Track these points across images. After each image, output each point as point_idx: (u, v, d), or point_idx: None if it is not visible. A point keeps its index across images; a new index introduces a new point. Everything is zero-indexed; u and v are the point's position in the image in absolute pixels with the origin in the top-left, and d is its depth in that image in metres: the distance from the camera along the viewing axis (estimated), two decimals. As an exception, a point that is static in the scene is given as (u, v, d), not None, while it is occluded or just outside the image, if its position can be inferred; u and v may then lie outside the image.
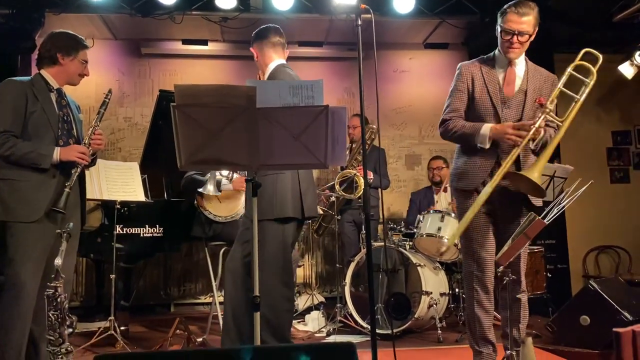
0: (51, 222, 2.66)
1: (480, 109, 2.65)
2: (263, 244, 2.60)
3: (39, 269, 2.63)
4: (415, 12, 5.21)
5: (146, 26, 5.51)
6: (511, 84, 2.65)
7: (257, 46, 3.07)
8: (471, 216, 2.46)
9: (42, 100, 2.72)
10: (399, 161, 6.35)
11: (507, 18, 2.61)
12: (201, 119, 1.78)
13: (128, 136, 6.01)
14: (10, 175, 2.65)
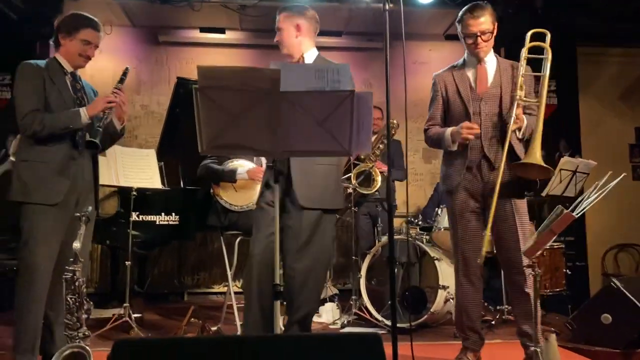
0: (67, 205, 2.65)
1: (454, 110, 2.79)
2: (318, 234, 2.59)
3: (54, 253, 2.62)
4: (437, 3, 5.12)
5: (164, 13, 5.49)
6: (483, 80, 2.76)
7: (299, 22, 2.72)
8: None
9: (58, 83, 2.71)
10: (416, 154, 6.28)
11: (465, 24, 2.75)
12: (223, 102, 1.73)
13: (144, 124, 6.00)
14: (31, 157, 2.64)
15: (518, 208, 2.73)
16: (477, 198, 2.76)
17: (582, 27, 5.82)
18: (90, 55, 2.82)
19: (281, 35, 2.73)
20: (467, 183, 2.75)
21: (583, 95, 6.02)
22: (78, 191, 2.70)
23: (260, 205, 2.70)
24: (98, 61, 5.93)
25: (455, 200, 2.79)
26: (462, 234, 2.78)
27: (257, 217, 2.71)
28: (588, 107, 6.06)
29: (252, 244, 2.65)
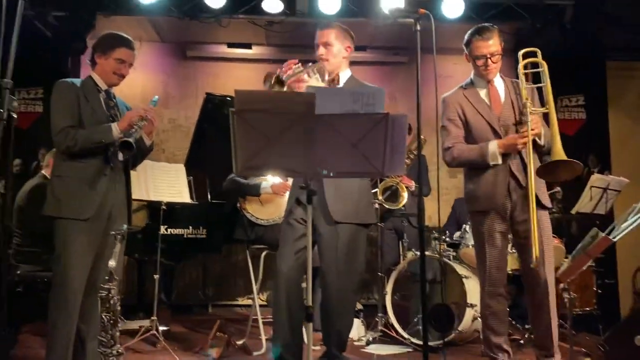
0: (99, 220, 2.69)
1: (478, 131, 2.79)
2: (354, 250, 2.58)
3: (86, 268, 2.65)
4: (463, 18, 5.11)
5: (192, 29, 5.58)
6: (497, 100, 2.80)
7: (350, 44, 2.76)
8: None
9: (91, 101, 2.77)
10: (441, 169, 6.20)
11: (474, 46, 2.79)
12: (259, 124, 1.76)
13: (172, 137, 6.09)
14: (64, 172, 2.70)
15: (542, 222, 2.73)
16: (504, 218, 2.76)
17: (611, 41, 5.75)
18: (124, 74, 2.87)
19: (330, 51, 2.72)
20: (497, 206, 2.75)
21: (612, 110, 5.92)
22: (110, 206, 2.73)
23: (288, 221, 2.67)
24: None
25: (484, 221, 2.78)
26: (490, 254, 2.77)
27: (284, 232, 2.68)
28: (617, 121, 5.96)
29: (279, 260, 2.64)
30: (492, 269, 2.76)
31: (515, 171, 2.72)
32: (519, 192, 2.72)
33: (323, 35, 2.71)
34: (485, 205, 2.77)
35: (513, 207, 2.74)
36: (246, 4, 5.10)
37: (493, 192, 2.73)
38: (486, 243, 2.78)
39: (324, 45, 2.69)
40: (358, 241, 2.61)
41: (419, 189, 2.54)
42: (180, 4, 5.12)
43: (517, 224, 2.75)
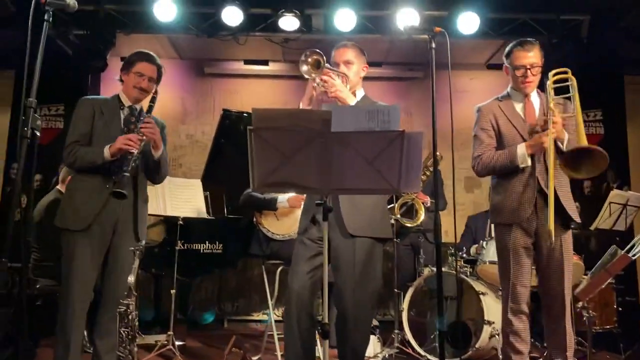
0: (102, 232, 2.71)
1: (510, 143, 2.77)
2: (371, 265, 2.55)
3: (88, 280, 2.68)
4: (479, 33, 5.13)
5: (210, 47, 5.68)
6: (532, 114, 2.80)
7: (366, 64, 2.81)
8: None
9: (107, 115, 2.82)
10: (458, 184, 6.20)
11: (515, 56, 2.79)
12: (276, 142, 1.78)
13: (189, 153, 6.16)
14: (71, 184, 2.79)
15: (566, 242, 2.71)
16: (530, 234, 2.74)
17: (628, 56, 5.71)
18: (144, 87, 2.88)
19: (350, 69, 2.73)
20: (523, 221, 2.73)
21: (631, 124, 5.86)
22: (115, 220, 2.74)
23: (302, 240, 2.63)
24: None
25: (510, 236, 2.75)
26: (515, 270, 2.74)
27: (298, 251, 2.64)
28: (636, 136, 5.90)
29: (291, 278, 2.61)
30: (515, 285, 2.73)
31: (544, 187, 2.69)
32: (545, 211, 2.68)
33: (344, 53, 2.72)
34: (510, 218, 2.74)
35: (539, 224, 2.71)
36: (263, 21, 5.18)
37: (519, 205, 2.72)
38: (511, 259, 2.74)
39: (345, 63, 2.71)
40: (374, 256, 2.58)
41: (435, 204, 2.51)
42: (198, 22, 5.22)
43: (542, 241, 2.72)
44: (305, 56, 2.51)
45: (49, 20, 2.09)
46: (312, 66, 2.52)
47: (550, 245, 2.54)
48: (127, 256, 2.74)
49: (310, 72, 2.52)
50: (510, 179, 2.76)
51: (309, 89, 2.64)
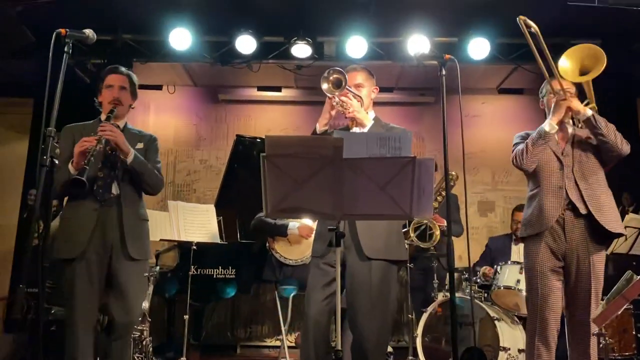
0: (97, 256, 2.70)
1: (545, 160, 2.85)
2: (386, 288, 2.54)
3: (89, 305, 2.68)
4: (490, 58, 5.16)
5: (224, 74, 5.77)
6: (564, 138, 2.92)
7: (373, 83, 2.87)
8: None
9: (85, 136, 2.76)
10: (472, 207, 6.19)
11: (554, 84, 2.90)
12: (289, 168, 1.81)
13: (203, 178, 6.21)
14: (63, 212, 2.79)
15: (596, 267, 2.68)
16: (558, 256, 2.73)
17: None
18: (115, 96, 2.85)
19: (361, 92, 2.79)
20: (550, 241, 2.73)
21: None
22: (110, 242, 2.73)
23: (318, 265, 2.61)
24: (161, 118, 6.32)
25: (537, 256, 2.74)
26: (542, 293, 2.71)
27: (314, 276, 2.63)
28: (651, 159, 5.85)
29: (307, 304, 2.60)
30: (543, 310, 2.69)
31: (573, 198, 2.71)
32: (576, 225, 2.70)
33: (354, 77, 2.77)
34: (537, 226, 2.75)
35: (569, 248, 2.71)
36: (276, 49, 5.26)
37: (545, 212, 2.73)
38: (539, 281, 2.73)
39: (356, 86, 2.76)
40: (390, 278, 2.57)
41: (447, 229, 2.51)
42: (213, 50, 5.32)
43: (570, 265, 2.71)
44: (327, 74, 2.58)
45: (68, 52, 2.16)
46: (333, 84, 2.58)
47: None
48: (129, 279, 2.72)
49: (331, 91, 2.57)
50: (539, 191, 2.79)
51: (326, 109, 2.69)
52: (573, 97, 2.82)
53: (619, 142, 2.75)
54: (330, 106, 2.67)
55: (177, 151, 6.23)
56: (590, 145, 2.84)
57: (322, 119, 2.69)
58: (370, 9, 4.94)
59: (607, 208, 2.73)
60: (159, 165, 2.96)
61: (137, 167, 2.76)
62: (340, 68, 2.71)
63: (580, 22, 4.36)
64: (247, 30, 5.04)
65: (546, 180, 2.80)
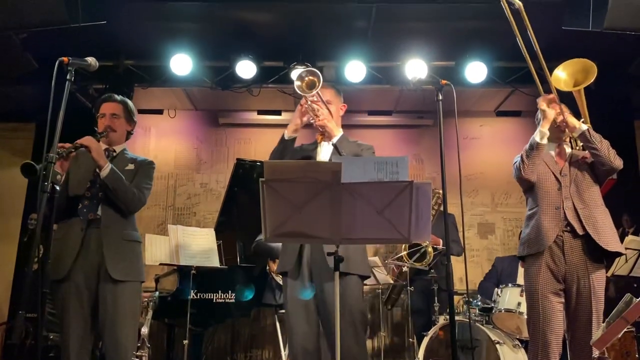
0: (86, 279, 2.69)
1: (544, 181, 2.86)
2: (357, 300, 2.52)
3: (80, 328, 2.66)
4: (487, 81, 5.22)
5: (224, 98, 5.84)
6: (562, 159, 2.94)
7: (341, 101, 2.83)
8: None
9: (81, 160, 2.83)
10: (471, 230, 6.19)
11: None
12: (287, 193, 1.82)
13: (203, 201, 6.23)
14: (53, 234, 2.74)
15: (595, 287, 2.67)
16: (559, 279, 2.72)
17: (637, 103, 5.76)
18: (107, 124, 2.89)
19: (330, 108, 2.76)
20: (550, 262, 2.73)
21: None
22: (92, 263, 2.71)
23: (292, 288, 2.57)
24: (161, 142, 6.36)
25: (538, 278, 2.73)
26: (544, 315, 2.69)
27: (291, 302, 2.59)
28: (650, 180, 5.87)
29: (290, 332, 2.58)
30: (545, 332, 2.67)
31: (570, 218, 2.72)
32: (574, 246, 2.71)
33: (323, 93, 2.74)
34: (536, 246, 2.75)
35: (568, 269, 2.70)
36: (275, 73, 5.33)
37: (544, 232, 2.74)
38: (540, 303, 2.71)
39: (326, 102, 2.75)
40: (360, 293, 2.57)
41: (446, 250, 2.50)
42: (213, 75, 5.39)
43: (569, 289, 2.70)
44: (304, 73, 2.57)
45: (71, 79, 2.19)
46: (307, 85, 2.57)
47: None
48: (116, 301, 2.68)
49: (303, 90, 2.56)
50: (537, 211, 2.81)
51: (296, 115, 2.69)
52: (568, 114, 2.85)
53: (611, 156, 2.77)
54: (300, 113, 2.67)
55: (178, 175, 6.26)
56: (586, 164, 2.87)
57: (292, 125, 2.71)
58: (368, 34, 5.02)
59: (603, 227, 2.73)
60: (145, 187, 2.92)
61: (110, 183, 2.73)
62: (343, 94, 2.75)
63: (575, 46, 4.41)
64: (247, 55, 5.11)
65: (544, 200, 2.81)
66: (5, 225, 5.82)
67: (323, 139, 2.72)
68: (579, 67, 2.91)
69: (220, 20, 4.93)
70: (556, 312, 2.69)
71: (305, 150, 2.81)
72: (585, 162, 2.88)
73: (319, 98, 2.64)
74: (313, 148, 2.81)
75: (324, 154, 2.74)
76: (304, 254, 2.55)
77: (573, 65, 2.93)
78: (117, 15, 4.42)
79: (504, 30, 2.62)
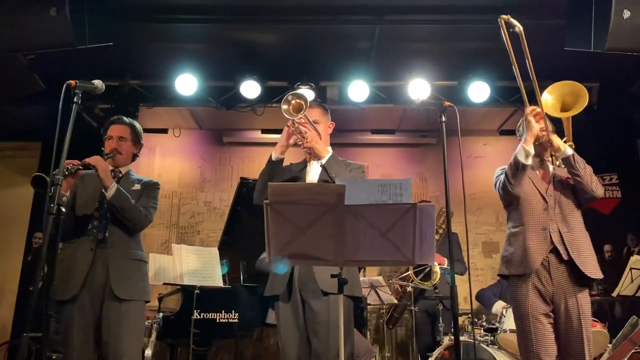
0: (91, 298, 2.68)
1: (530, 199, 2.82)
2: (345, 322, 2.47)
3: (83, 349, 2.65)
4: (490, 101, 5.25)
5: (229, 118, 5.89)
6: (546, 176, 2.91)
7: (329, 119, 2.81)
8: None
9: (87, 182, 2.85)
10: (476, 248, 6.17)
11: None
12: (291, 215, 1.83)
13: (207, 219, 6.24)
14: (59, 254, 2.75)
15: (583, 307, 2.65)
16: (547, 300, 2.70)
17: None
18: (112, 146, 2.92)
19: (319, 128, 2.74)
20: (538, 284, 2.70)
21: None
22: (98, 283, 2.70)
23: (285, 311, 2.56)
24: (166, 161, 6.40)
25: (527, 300, 2.70)
26: (536, 337, 2.66)
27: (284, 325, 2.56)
28: (655, 199, 5.86)
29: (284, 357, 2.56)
30: (540, 355, 2.63)
31: (556, 242, 2.70)
32: (560, 269, 2.68)
33: (310, 113, 2.71)
34: (522, 267, 2.71)
35: (555, 291, 2.68)
36: (279, 93, 5.37)
37: (529, 254, 2.70)
38: (532, 326, 2.67)
39: (314, 122, 2.74)
40: (350, 314, 2.54)
41: (451, 269, 2.49)
42: (218, 95, 5.44)
43: (558, 310, 2.68)
44: (291, 97, 2.56)
45: (78, 102, 2.22)
46: (294, 108, 2.56)
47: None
48: (120, 320, 2.68)
49: (290, 113, 2.55)
50: (523, 230, 2.76)
51: (283, 136, 2.67)
52: (553, 134, 2.79)
53: (593, 185, 2.74)
54: (287, 134, 2.67)
55: (182, 193, 6.28)
56: (569, 186, 2.84)
57: (279, 147, 2.69)
58: (371, 54, 5.07)
59: (586, 253, 2.72)
60: (152, 206, 2.94)
61: (116, 202, 2.74)
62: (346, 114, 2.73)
63: (577, 66, 4.46)
64: (252, 75, 5.17)
65: (531, 219, 2.77)
66: (10, 243, 5.84)
67: (312, 157, 2.72)
68: (567, 90, 2.84)
69: (224, 41, 5.00)
70: (548, 334, 2.67)
71: (293, 170, 2.81)
72: (568, 183, 2.84)
73: (306, 120, 2.65)
74: (302, 168, 2.80)
75: (313, 173, 2.74)
76: (295, 277, 2.54)
77: (561, 87, 2.86)
78: (123, 36, 4.48)
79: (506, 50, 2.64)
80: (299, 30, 4.82)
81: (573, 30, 4.19)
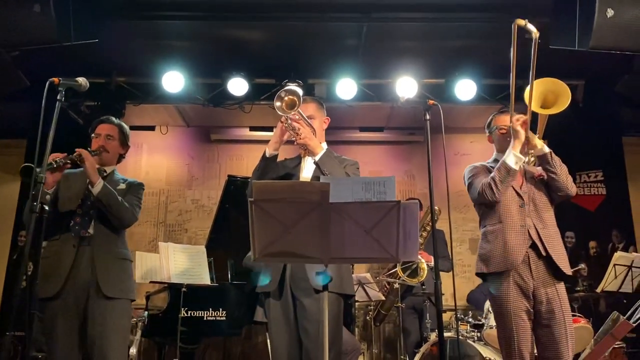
0: (75, 296, 2.67)
1: (506, 198, 2.82)
2: (335, 320, 2.48)
3: (67, 348, 2.64)
4: (476, 99, 5.28)
5: (217, 115, 5.86)
6: (521, 172, 2.89)
7: (324, 115, 2.81)
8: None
9: (71, 179, 2.86)
10: (463, 245, 6.21)
11: (498, 120, 3.08)
12: (276, 213, 1.83)
13: (195, 217, 6.22)
14: (43, 252, 2.73)
15: (562, 296, 2.69)
16: (528, 295, 2.71)
17: (626, 118, 5.85)
18: (100, 143, 2.93)
19: (314, 123, 2.74)
20: (518, 279, 2.71)
21: (632, 185, 5.91)
22: (82, 281, 2.70)
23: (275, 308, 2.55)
24: (153, 158, 6.36)
25: (509, 297, 2.71)
26: (518, 334, 2.67)
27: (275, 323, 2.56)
28: (639, 196, 5.93)
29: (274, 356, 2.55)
30: (522, 352, 2.64)
31: (535, 238, 2.72)
32: (539, 264, 2.71)
33: (305, 108, 2.72)
34: (501, 265, 2.71)
35: (536, 284, 2.70)
36: (267, 91, 5.37)
37: (509, 251, 2.71)
38: (513, 322, 2.68)
39: (307, 118, 2.74)
40: (340, 312, 2.55)
41: (435, 266, 2.50)
42: (205, 92, 5.42)
43: (539, 304, 2.69)
44: (283, 94, 2.54)
45: (61, 100, 2.20)
46: (287, 105, 2.54)
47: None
48: (105, 318, 2.67)
49: (283, 110, 2.54)
50: (502, 227, 2.77)
51: (277, 133, 2.66)
52: (532, 134, 2.81)
53: (569, 184, 2.78)
54: (281, 131, 2.66)
55: (169, 191, 6.26)
56: (541, 183, 2.86)
57: (272, 143, 2.68)
58: (359, 52, 5.08)
59: (560, 249, 2.76)
60: (136, 204, 2.95)
61: (103, 198, 2.75)
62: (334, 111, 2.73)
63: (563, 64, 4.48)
64: (239, 72, 5.15)
65: (508, 216, 2.78)
66: (-5, 242, 5.78)
67: (306, 153, 2.71)
68: (551, 87, 2.84)
69: (212, 38, 4.98)
70: (528, 331, 2.68)
71: (287, 167, 2.80)
72: (541, 180, 2.87)
73: (300, 116, 2.64)
74: (296, 164, 2.79)
75: (307, 169, 2.73)
76: (287, 274, 2.55)
77: (546, 84, 2.86)
78: (109, 33, 4.44)
79: (493, 48, 2.66)
80: (286, 28, 4.81)
81: (558, 29, 4.23)
